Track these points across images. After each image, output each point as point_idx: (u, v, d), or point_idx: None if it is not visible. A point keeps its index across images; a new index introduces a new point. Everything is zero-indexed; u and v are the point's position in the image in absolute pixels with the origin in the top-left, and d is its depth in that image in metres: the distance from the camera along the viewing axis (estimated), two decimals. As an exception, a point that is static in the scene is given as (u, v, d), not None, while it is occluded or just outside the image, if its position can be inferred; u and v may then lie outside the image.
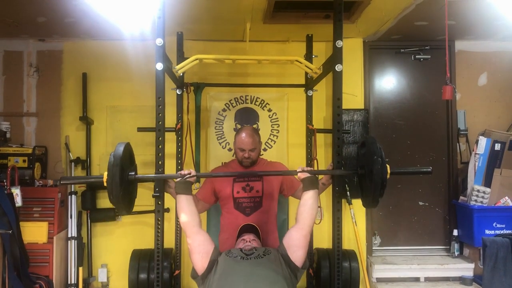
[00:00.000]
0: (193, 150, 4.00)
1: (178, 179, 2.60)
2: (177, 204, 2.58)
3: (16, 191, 3.66)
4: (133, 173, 2.51)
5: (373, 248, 4.63)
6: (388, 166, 2.46)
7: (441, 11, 3.36)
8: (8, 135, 4.29)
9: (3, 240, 3.45)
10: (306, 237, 2.51)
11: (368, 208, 3.72)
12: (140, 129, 3.82)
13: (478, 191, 4.25)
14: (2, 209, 3.48)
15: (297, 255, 2.46)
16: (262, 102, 4.49)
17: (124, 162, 2.40)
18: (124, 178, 2.39)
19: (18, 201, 3.65)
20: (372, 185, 2.44)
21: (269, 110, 4.49)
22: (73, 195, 4.22)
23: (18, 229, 3.60)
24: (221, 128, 4.43)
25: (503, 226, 4.23)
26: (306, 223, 2.52)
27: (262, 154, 4.28)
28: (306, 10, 3.70)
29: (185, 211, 2.51)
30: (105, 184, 2.34)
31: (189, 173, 2.60)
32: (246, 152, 3.03)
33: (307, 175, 2.64)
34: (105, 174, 2.34)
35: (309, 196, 2.58)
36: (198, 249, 2.46)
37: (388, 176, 2.45)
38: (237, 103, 4.48)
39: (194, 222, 2.50)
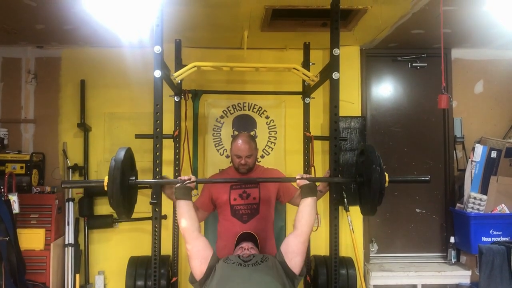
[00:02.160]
0: (190, 157, 4.00)
1: (178, 184, 2.61)
2: (176, 209, 2.59)
3: (14, 198, 3.66)
4: (134, 178, 2.52)
5: (370, 255, 4.63)
6: (386, 174, 2.47)
7: (437, 19, 3.38)
8: (5, 142, 4.29)
9: (0, 247, 3.44)
10: (304, 244, 2.52)
11: (366, 216, 3.72)
12: (138, 136, 3.82)
13: (474, 198, 4.26)
14: (-1, 216, 3.49)
15: (295, 261, 2.47)
16: (259, 109, 4.50)
17: (125, 167, 2.40)
18: (124, 183, 2.40)
19: (16, 208, 3.65)
20: (370, 194, 2.45)
21: (267, 117, 4.50)
22: (70, 202, 4.21)
23: (15, 236, 3.60)
24: (218, 135, 4.44)
25: (500, 233, 4.24)
26: (304, 230, 2.53)
27: (260, 161, 4.30)
28: (304, 18, 3.72)
29: (185, 217, 2.52)
30: (105, 188, 2.34)
31: (189, 179, 2.62)
32: (242, 158, 3.04)
33: (306, 182, 2.64)
34: (106, 178, 2.34)
35: (307, 203, 2.59)
36: (197, 255, 2.46)
37: (386, 184, 2.46)
38: (235, 110, 4.50)
39: (193, 227, 2.51)
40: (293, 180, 2.74)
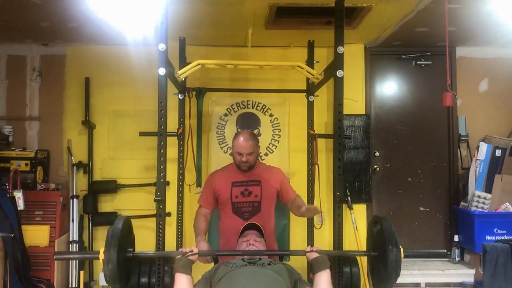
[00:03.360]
0: (194, 155, 4.01)
1: (179, 256, 2.45)
2: (175, 283, 2.38)
3: (18, 195, 3.67)
4: (131, 249, 2.41)
5: (374, 253, 4.62)
6: (401, 249, 2.36)
7: (441, 17, 3.37)
8: (10, 139, 4.31)
9: (5, 244, 3.46)
10: None
11: None
12: (142, 134, 3.83)
13: (479, 196, 4.25)
14: (4, 213, 3.50)
15: None
16: (263, 107, 4.50)
17: (123, 240, 2.30)
18: (121, 257, 2.28)
19: (20, 205, 3.66)
20: (386, 274, 2.38)
21: (271, 115, 4.50)
22: (74, 199, 4.23)
23: (20, 233, 3.61)
24: (222, 132, 4.45)
25: (504, 232, 4.23)
26: None
27: (263, 159, 4.30)
28: (308, 16, 3.72)
29: None
30: (100, 261, 2.23)
31: (191, 251, 2.45)
32: (243, 156, 3.03)
33: (316, 255, 2.47)
34: (101, 250, 2.25)
35: (322, 279, 2.37)
36: None
37: (401, 259, 2.36)
38: (239, 108, 4.50)
39: None
40: (302, 254, 2.59)
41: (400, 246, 2.36)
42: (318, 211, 2.93)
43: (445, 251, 4.69)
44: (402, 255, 2.37)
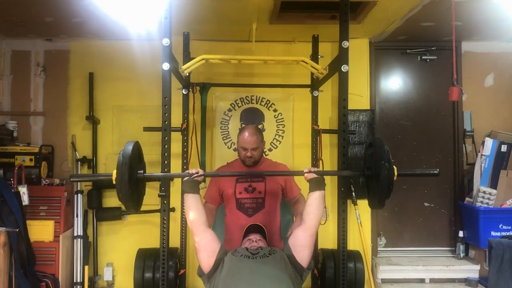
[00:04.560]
0: (198, 150, 4.01)
1: (186, 178, 2.59)
2: (184, 202, 2.58)
3: (23, 190, 3.68)
4: (142, 171, 2.50)
5: (378, 249, 4.63)
6: (395, 167, 2.44)
7: (447, 12, 3.35)
8: (15, 134, 4.32)
9: (10, 239, 3.47)
10: (312, 237, 2.52)
11: (374, 209, 3.71)
12: (146, 129, 3.84)
13: (484, 192, 4.24)
14: (9, 208, 3.52)
15: (303, 254, 2.47)
16: (267, 102, 4.49)
17: (133, 161, 2.39)
18: (133, 177, 2.38)
19: (25, 200, 3.68)
20: (379, 188, 2.44)
21: (275, 110, 4.49)
22: (79, 194, 4.24)
23: (24, 228, 3.63)
24: (226, 128, 4.44)
25: (509, 227, 4.21)
26: (313, 223, 2.52)
27: (267, 155, 4.30)
28: (312, 11, 3.70)
29: (193, 210, 2.51)
30: (114, 182, 2.33)
31: (197, 172, 2.59)
32: (248, 151, 3.02)
33: (314, 175, 2.62)
34: (114, 172, 2.33)
35: (315, 197, 2.57)
36: (205, 248, 2.46)
37: (395, 178, 2.44)
38: (243, 103, 4.49)
39: (201, 220, 2.50)
40: (300, 174, 2.70)
41: (394, 166, 2.43)
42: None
43: (450, 247, 4.67)
44: (396, 173, 2.43)
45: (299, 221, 2.97)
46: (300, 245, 2.49)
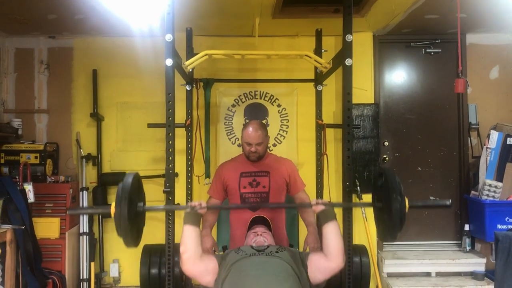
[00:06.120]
0: (202, 146, 4.01)
1: (188, 210, 2.51)
2: (182, 234, 2.45)
3: (29, 187, 3.70)
4: (142, 204, 2.42)
5: (384, 243, 4.62)
6: (406, 200, 2.34)
7: (451, 4, 3.33)
8: (20, 132, 4.33)
9: (16, 236, 3.49)
10: (334, 271, 2.42)
11: (385, 242, 3.58)
12: (150, 125, 3.83)
13: (490, 185, 4.21)
14: (15, 205, 3.53)
15: (316, 277, 2.40)
16: (271, 97, 4.48)
17: (133, 194, 2.30)
18: (132, 211, 2.29)
19: (31, 197, 3.70)
20: (391, 222, 2.35)
21: (279, 105, 4.48)
22: (84, 191, 4.25)
23: (31, 225, 3.65)
24: (230, 123, 4.44)
25: (515, 220, 4.20)
26: (337, 256, 2.40)
27: (272, 150, 4.29)
28: (316, 5, 3.68)
29: (191, 243, 2.41)
30: (112, 216, 2.24)
31: (200, 205, 2.51)
32: (252, 146, 3.01)
33: (322, 207, 2.51)
34: (113, 205, 2.25)
35: (330, 230, 2.44)
36: (206, 272, 2.40)
37: (406, 210, 2.34)
38: (247, 98, 4.48)
39: (197, 253, 2.41)
40: (308, 206, 2.65)
41: (406, 198, 2.34)
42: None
43: (456, 240, 4.66)
44: (407, 205, 2.33)
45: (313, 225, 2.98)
46: (318, 269, 2.41)
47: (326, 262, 2.41)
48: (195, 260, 2.40)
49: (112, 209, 2.23)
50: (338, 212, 2.55)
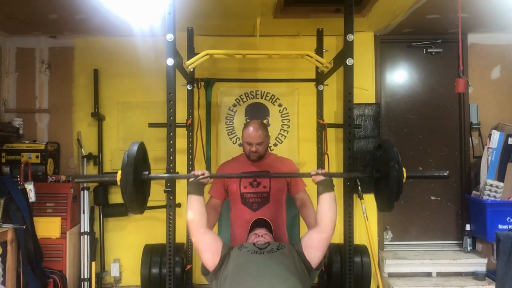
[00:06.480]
0: (203, 146, 4.01)
1: (191, 179, 2.56)
2: (187, 203, 2.53)
3: (30, 187, 3.71)
4: (147, 172, 2.48)
5: (385, 243, 4.62)
6: (404, 169, 2.39)
7: (453, 3, 3.33)
8: (21, 132, 4.34)
9: (17, 235, 3.50)
10: (327, 240, 2.47)
11: (383, 211, 3.67)
12: (151, 125, 3.83)
13: (491, 185, 4.21)
14: (16, 205, 3.54)
15: (314, 255, 2.43)
16: (272, 97, 4.48)
17: (138, 162, 2.37)
18: (137, 178, 2.37)
19: (32, 197, 3.70)
20: (388, 191, 2.39)
21: (280, 105, 4.48)
22: (85, 191, 4.25)
23: (32, 224, 3.65)
24: (231, 123, 4.44)
25: (517, 220, 4.19)
26: (327, 226, 2.47)
27: (273, 149, 4.29)
28: (317, 4, 3.68)
29: (195, 212, 2.47)
30: (118, 183, 2.31)
31: (203, 174, 2.54)
32: (253, 146, 3.00)
33: (322, 178, 2.57)
34: (119, 173, 2.32)
35: (326, 199, 2.52)
36: (208, 247, 2.44)
37: (404, 180, 2.39)
38: (248, 98, 4.48)
39: (202, 222, 2.46)
40: (307, 176, 2.66)
41: (404, 168, 2.40)
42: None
43: (457, 240, 4.66)
44: (405, 175, 2.40)
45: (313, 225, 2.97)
46: (313, 246, 2.45)
47: (318, 235, 2.47)
48: (199, 229, 2.45)
49: (118, 176, 2.32)
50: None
